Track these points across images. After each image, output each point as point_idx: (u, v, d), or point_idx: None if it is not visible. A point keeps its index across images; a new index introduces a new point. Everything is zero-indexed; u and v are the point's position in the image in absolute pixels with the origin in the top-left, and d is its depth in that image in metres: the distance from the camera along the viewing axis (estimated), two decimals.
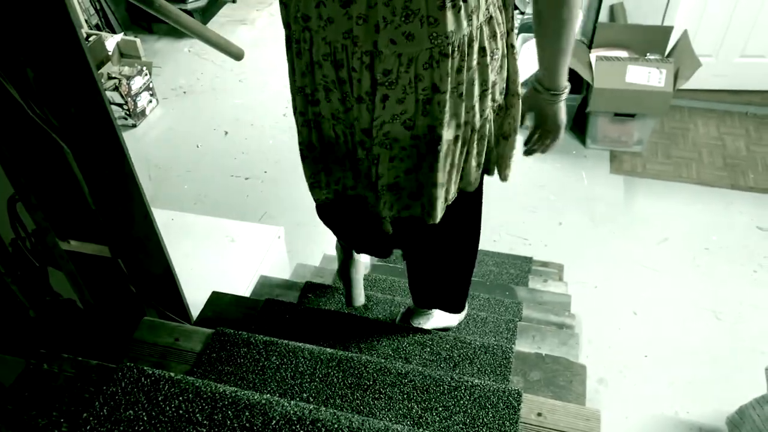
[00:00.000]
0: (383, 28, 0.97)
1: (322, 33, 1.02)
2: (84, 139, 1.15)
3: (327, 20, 1.00)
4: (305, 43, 1.06)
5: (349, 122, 1.11)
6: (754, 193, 3.09)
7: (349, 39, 0.99)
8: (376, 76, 1.02)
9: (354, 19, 0.97)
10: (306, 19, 1.03)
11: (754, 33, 3.35)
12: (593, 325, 2.49)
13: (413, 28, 0.97)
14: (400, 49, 0.98)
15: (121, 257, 1.37)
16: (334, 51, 1.02)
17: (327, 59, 1.04)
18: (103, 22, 4.25)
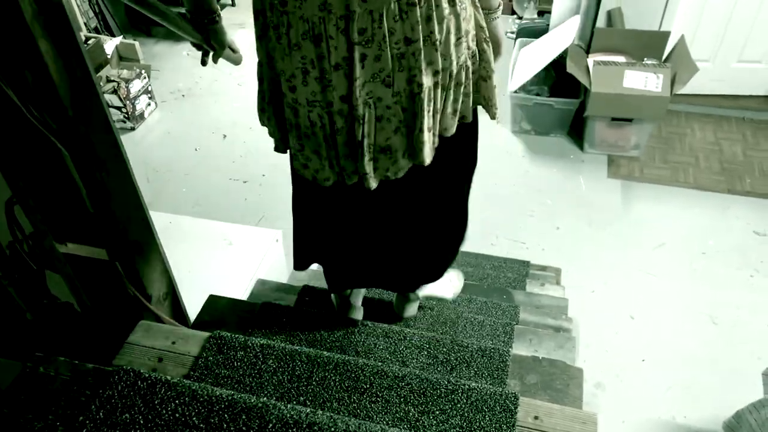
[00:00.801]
0: None
1: (299, 12, 1.05)
2: (82, 142, 1.16)
3: None
4: (283, 27, 1.09)
5: (325, 102, 1.14)
6: (751, 198, 3.10)
7: (324, 11, 1.03)
8: (351, 37, 1.05)
9: None
10: (283, 3, 1.06)
11: (751, 38, 3.37)
12: (590, 328, 2.49)
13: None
14: (370, 6, 1.03)
15: (118, 260, 1.37)
16: (312, 26, 1.05)
17: (306, 37, 1.07)
18: (102, 26, 4.26)
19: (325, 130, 1.18)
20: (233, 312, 1.70)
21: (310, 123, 1.18)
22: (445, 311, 1.84)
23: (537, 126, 3.51)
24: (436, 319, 1.80)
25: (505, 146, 3.47)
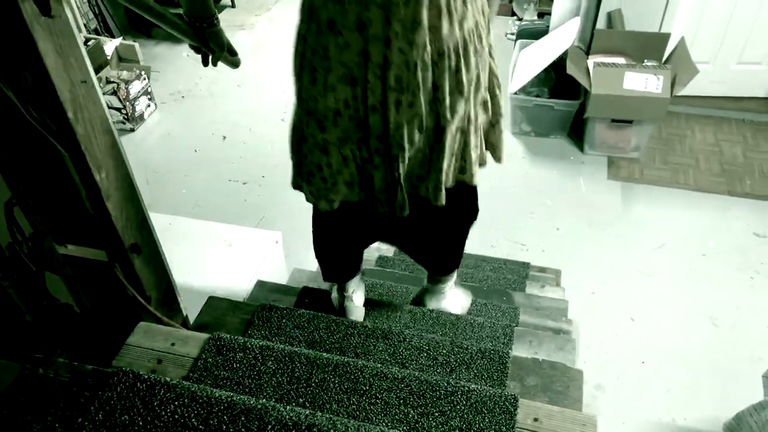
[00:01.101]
0: (394, 40, 1.11)
1: (338, 57, 1.14)
2: (82, 144, 1.15)
3: (344, 45, 1.13)
4: (322, 70, 1.18)
5: (357, 139, 1.24)
6: (751, 200, 3.10)
7: (362, 57, 1.13)
8: (387, 84, 1.14)
9: (370, 39, 1.11)
10: (325, 49, 1.15)
11: (751, 40, 3.37)
12: (590, 330, 2.49)
13: (418, 36, 1.11)
14: (407, 57, 1.12)
15: (118, 262, 1.37)
16: (351, 71, 1.15)
17: (342, 80, 1.16)
18: (101, 27, 4.26)
19: (357, 162, 1.29)
20: (233, 313, 1.70)
21: (343, 159, 1.29)
22: (444, 312, 1.84)
23: (537, 127, 3.51)
24: (435, 321, 1.80)
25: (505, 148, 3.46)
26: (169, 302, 1.58)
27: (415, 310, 1.85)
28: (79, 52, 1.10)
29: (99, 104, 1.18)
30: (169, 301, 1.57)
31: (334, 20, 1.11)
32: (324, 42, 1.15)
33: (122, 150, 1.27)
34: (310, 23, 1.17)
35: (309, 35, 1.18)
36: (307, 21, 1.18)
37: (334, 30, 1.12)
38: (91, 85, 1.15)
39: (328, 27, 1.12)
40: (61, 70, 1.07)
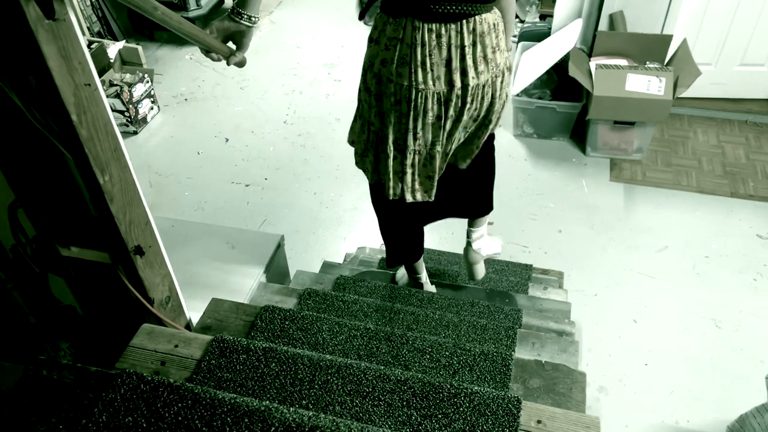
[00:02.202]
0: (470, 71, 1.41)
1: (425, 90, 1.42)
2: (85, 146, 1.16)
3: (435, 78, 1.40)
4: (406, 101, 1.44)
5: (426, 145, 1.57)
6: (754, 201, 3.10)
7: (447, 85, 1.42)
8: (466, 100, 1.45)
9: (453, 70, 1.39)
10: (418, 82, 1.41)
11: (753, 41, 3.37)
12: (593, 333, 2.49)
13: (484, 67, 1.42)
14: (478, 81, 1.43)
15: (121, 264, 1.37)
16: (437, 98, 1.44)
17: (432, 107, 1.45)
18: (105, 30, 4.27)
19: (422, 157, 1.60)
20: (236, 315, 1.70)
21: (415, 156, 1.59)
22: (447, 315, 1.84)
23: (539, 129, 3.51)
24: (438, 323, 1.80)
25: (507, 150, 3.47)
26: (172, 304, 1.58)
27: (417, 312, 1.85)
28: (82, 55, 1.11)
29: (102, 107, 1.18)
30: (172, 303, 1.57)
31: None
32: (423, 78, 1.43)
33: (125, 152, 1.28)
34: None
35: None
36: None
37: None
38: (94, 88, 1.15)
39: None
40: (65, 73, 1.07)
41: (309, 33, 4.64)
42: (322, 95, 4.02)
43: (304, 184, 3.34)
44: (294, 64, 4.32)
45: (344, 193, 3.27)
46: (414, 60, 1.37)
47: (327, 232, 3.06)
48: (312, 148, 3.60)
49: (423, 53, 1.37)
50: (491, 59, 1.42)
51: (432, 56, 1.37)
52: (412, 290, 2.11)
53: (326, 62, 4.32)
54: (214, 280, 2.12)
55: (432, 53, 1.37)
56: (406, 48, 1.37)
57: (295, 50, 4.46)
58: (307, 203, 3.22)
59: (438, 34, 1.35)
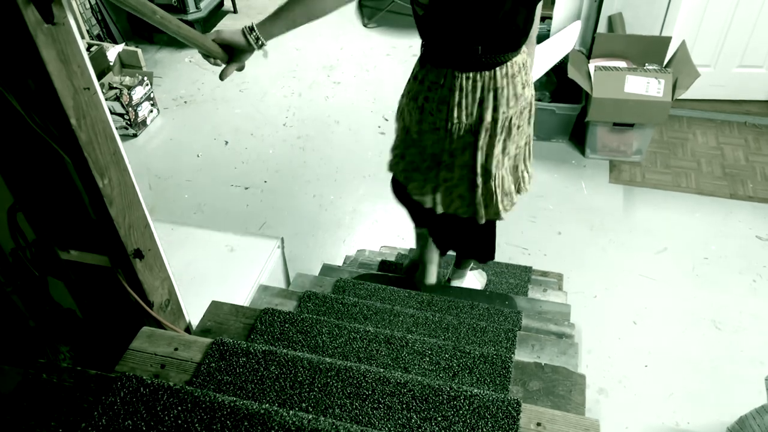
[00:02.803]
0: (501, 107, 1.55)
1: (459, 124, 1.59)
2: (84, 150, 1.16)
3: (468, 114, 1.56)
4: (444, 129, 1.61)
5: (461, 167, 1.70)
6: (753, 203, 3.10)
7: (478, 119, 1.57)
8: (496, 131, 1.59)
9: (485, 108, 1.55)
10: (453, 117, 1.57)
11: (752, 43, 3.37)
12: (593, 334, 2.49)
13: (514, 102, 1.57)
14: (508, 114, 1.58)
15: (120, 267, 1.38)
16: (469, 129, 1.60)
17: (464, 136, 1.62)
18: (104, 33, 4.28)
19: (455, 177, 1.73)
20: (235, 318, 1.70)
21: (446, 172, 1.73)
22: (447, 317, 1.84)
23: (538, 131, 3.51)
24: (438, 325, 1.80)
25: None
26: (172, 307, 1.58)
27: (417, 314, 1.85)
28: (81, 59, 1.11)
29: (102, 110, 1.18)
30: (171, 306, 1.57)
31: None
32: (458, 116, 1.60)
33: (125, 156, 1.28)
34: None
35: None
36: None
37: None
38: (93, 92, 1.15)
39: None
40: (64, 77, 1.07)
41: (308, 35, 4.65)
42: (322, 98, 4.02)
43: (303, 187, 3.34)
44: (293, 66, 4.32)
45: (344, 196, 3.28)
46: (452, 101, 1.55)
47: (326, 235, 3.07)
48: (311, 150, 3.60)
49: (460, 96, 1.54)
50: (521, 95, 1.59)
51: (467, 98, 1.55)
52: (412, 293, 2.11)
53: (325, 65, 4.33)
54: (214, 282, 2.12)
55: (467, 95, 1.54)
56: (446, 91, 1.55)
57: (294, 53, 4.47)
58: (307, 206, 3.22)
59: (474, 80, 1.52)
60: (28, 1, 0.98)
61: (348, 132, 3.73)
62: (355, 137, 3.68)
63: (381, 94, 4.02)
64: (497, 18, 1.43)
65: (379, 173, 3.37)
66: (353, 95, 4.04)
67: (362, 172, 3.41)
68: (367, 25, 4.74)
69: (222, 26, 4.77)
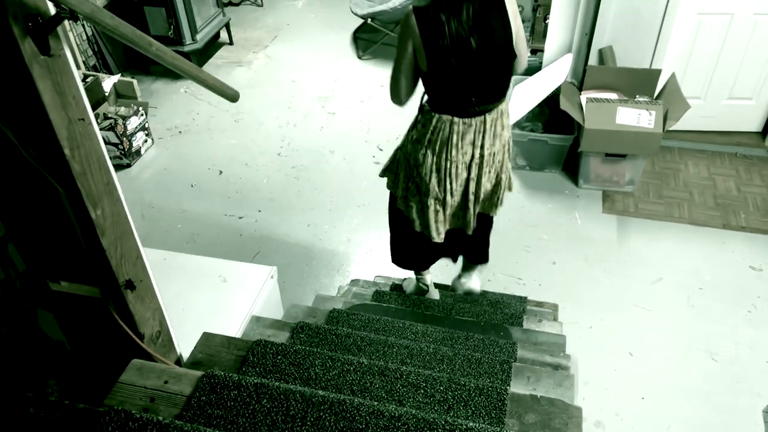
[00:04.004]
0: (486, 145, 1.94)
1: (456, 160, 1.95)
2: (78, 180, 1.15)
3: (464, 153, 1.94)
4: (444, 167, 1.96)
5: (456, 195, 2.06)
6: (746, 233, 3.11)
7: (470, 156, 1.95)
8: (482, 164, 1.97)
9: (475, 147, 1.93)
10: (452, 155, 1.93)
11: (741, 76, 3.43)
12: (589, 366, 2.47)
13: (498, 141, 1.97)
14: (492, 150, 1.97)
15: (111, 298, 1.36)
16: (464, 165, 1.96)
17: (461, 172, 1.98)
18: (100, 64, 4.31)
19: (452, 207, 2.09)
20: (227, 350, 1.68)
21: (436, 205, 2.07)
22: (442, 348, 1.82)
23: (532, 162, 3.53)
24: (433, 357, 1.78)
25: None
26: (163, 339, 1.56)
27: (411, 345, 1.83)
28: (77, 90, 1.11)
29: (96, 141, 1.18)
30: (162, 338, 1.55)
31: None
32: (454, 155, 1.96)
33: (118, 186, 1.27)
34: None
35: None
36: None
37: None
38: (88, 123, 1.15)
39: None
40: (59, 108, 1.08)
41: (304, 67, 4.70)
42: (316, 128, 4.05)
43: (297, 216, 3.34)
44: (289, 97, 4.36)
45: (338, 225, 3.27)
46: (450, 142, 1.91)
47: (320, 265, 3.05)
48: (306, 180, 3.61)
49: (457, 138, 1.91)
50: (500, 135, 1.97)
51: (464, 139, 1.91)
52: (406, 323, 2.09)
53: (320, 96, 4.37)
54: (206, 313, 2.10)
55: (464, 137, 1.91)
56: (446, 134, 1.91)
57: (289, 84, 4.51)
58: (301, 235, 3.21)
59: (469, 124, 1.89)
60: (25, 33, 0.99)
61: (342, 162, 3.74)
62: (349, 167, 3.70)
63: (375, 125, 4.05)
64: (488, 78, 1.84)
65: (374, 203, 3.37)
66: (348, 125, 4.07)
67: (356, 201, 3.42)
68: (362, 57, 4.80)
69: (218, 58, 4.82)
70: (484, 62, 1.79)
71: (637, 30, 3.25)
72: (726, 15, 3.25)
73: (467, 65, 1.78)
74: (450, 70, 1.79)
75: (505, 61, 1.85)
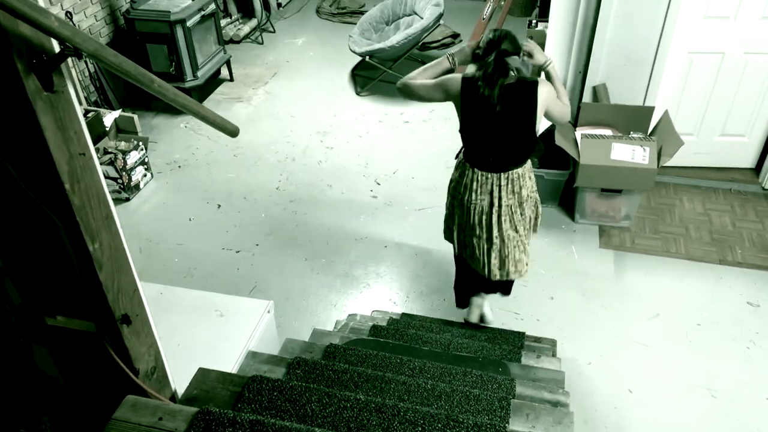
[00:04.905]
0: (504, 198, 2.29)
1: (476, 204, 2.33)
2: (76, 215, 1.16)
3: (482, 199, 2.30)
4: (467, 209, 2.35)
5: (483, 235, 2.39)
6: (743, 269, 3.12)
7: (489, 203, 2.30)
8: (501, 212, 2.31)
9: (494, 197, 2.28)
10: (473, 199, 2.31)
11: (733, 113, 3.48)
12: (588, 403, 2.44)
13: (513, 196, 2.30)
14: (508, 203, 2.31)
15: (107, 333, 1.35)
16: (482, 209, 2.32)
17: (483, 214, 2.33)
18: (102, 99, 4.36)
19: (482, 242, 2.40)
20: (223, 386, 1.66)
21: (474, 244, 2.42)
22: (439, 385, 1.81)
23: None
24: (430, 393, 1.76)
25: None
26: (158, 375, 1.54)
27: (409, 382, 1.82)
28: (78, 125, 1.13)
29: (96, 176, 1.19)
30: (157, 374, 1.54)
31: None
32: (471, 188, 2.34)
33: (116, 220, 1.28)
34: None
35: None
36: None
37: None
38: (89, 157, 1.16)
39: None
40: (61, 143, 1.09)
41: (303, 103, 4.76)
42: (315, 162, 4.08)
43: (295, 250, 3.34)
44: (288, 132, 4.40)
45: (335, 260, 3.27)
46: (471, 187, 2.30)
47: (317, 299, 3.04)
48: (304, 214, 3.62)
49: (477, 185, 2.29)
50: (518, 192, 2.30)
51: (482, 187, 2.29)
52: (404, 359, 2.08)
53: (319, 130, 4.42)
54: (202, 348, 2.08)
55: (482, 185, 2.29)
56: (468, 181, 2.30)
57: (288, 119, 4.56)
58: (298, 269, 3.21)
59: (486, 177, 2.27)
60: (29, 70, 1.01)
61: (340, 196, 3.76)
62: (347, 201, 3.71)
63: (373, 159, 4.08)
64: (505, 145, 2.22)
65: (371, 237, 3.38)
66: (346, 160, 4.10)
67: (354, 235, 3.42)
68: (360, 93, 4.87)
69: (219, 93, 4.88)
70: (503, 130, 2.18)
71: (629, 68, 3.31)
72: (717, 54, 3.31)
73: (489, 128, 2.18)
74: (476, 128, 2.22)
75: (522, 134, 2.20)
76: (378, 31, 5.13)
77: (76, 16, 4.12)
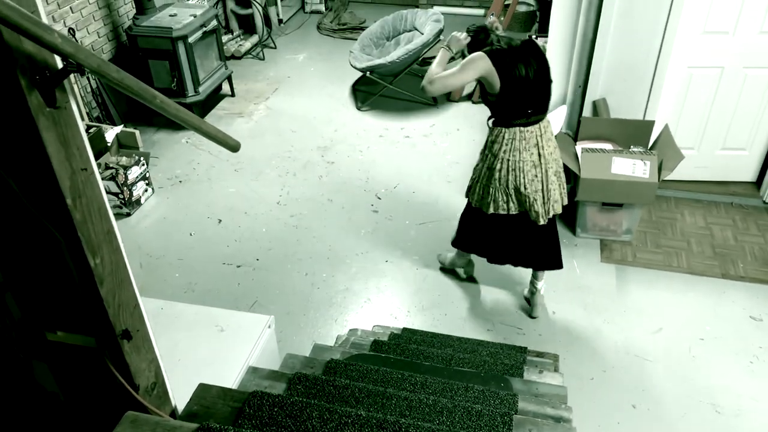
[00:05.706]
0: (546, 147, 2.58)
1: (525, 161, 2.57)
2: (78, 230, 1.16)
3: (530, 154, 2.56)
4: (519, 167, 2.57)
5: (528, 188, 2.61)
6: (745, 283, 3.11)
7: (537, 155, 2.57)
8: (548, 161, 2.59)
9: (540, 147, 2.56)
10: (523, 157, 2.55)
11: (733, 127, 3.49)
12: (591, 419, 2.42)
13: (552, 143, 2.61)
14: (551, 150, 2.60)
15: (107, 348, 1.35)
16: (532, 164, 2.57)
17: (531, 169, 2.57)
18: (103, 115, 4.39)
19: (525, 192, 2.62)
20: (223, 402, 1.65)
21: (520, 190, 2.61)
22: (441, 400, 1.79)
23: None
24: (432, 409, 1.75)
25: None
26: (158, 390, 1.53)
27: (410, 397, 1.80)
28: (81, 141, 1.13)
29: (98, 191, 1.19)
30: (157, 390, 1.53)
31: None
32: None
33: (118, 235, 1.28)
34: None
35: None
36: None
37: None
38: (90, 173, 1.17)
39: None
40: (63, 158, 1.09)
41: (304, 118, 4.78)
42: (316, 177, 4.09)
43: (295, 265, 3.34)
44: (288, 147, 4.42)
45: (336, 274, 3.26)
46: (520, 147, 2.51)
47: (318, 314, 3.03)
48: (304, 228, 3.62)
49: (523, 142, 2.51)
50: (551, 138, 2.59)
51: (529, 142, 2.51)
52: (405, 374, 2.06)
53: (320, 145, 4.43)
54: (202, 363, 2.07)
55: (529, 141, 2.51)
56: (516, 141, 2.51)
57: (289, 134, 4.58)
58: (299, 284, 3.20)
59: (530, 131, 2.51)
60: (32, 86, 1.01)
61: (341, 210, 3.77)
62: (348, 216, 3.72)
63: (374, 174, 4.09)
64: (540, 97, 2.52)
65: (372, 251, 3.37)
66: (347, 174, 4.11)
67: (355, 250, 3.42)
68: (361, 108, 4.89)
69: (220, 109, 4.91)
70: (536, 86, 2.49)
71: (629, 82, 3.33)
72: (716, 68, 3.33)
73: (527, 88, 2.47)
74: (517, 90, 2.47)
75: (548, 86, 2.55)
76: (378, 46, 5.16)
77: (79, 33, 4.15)
